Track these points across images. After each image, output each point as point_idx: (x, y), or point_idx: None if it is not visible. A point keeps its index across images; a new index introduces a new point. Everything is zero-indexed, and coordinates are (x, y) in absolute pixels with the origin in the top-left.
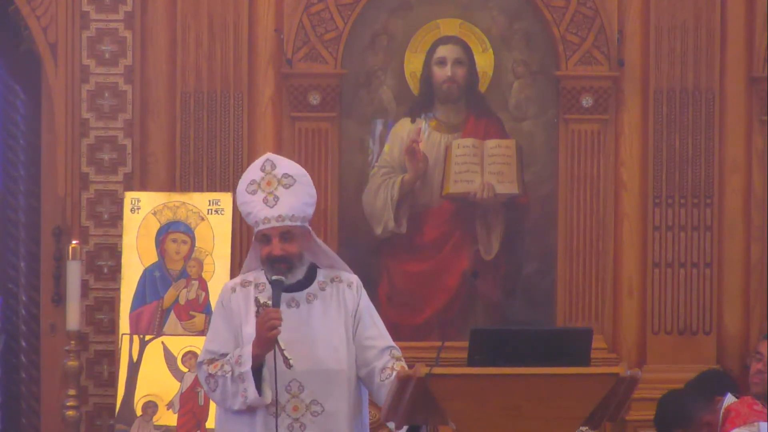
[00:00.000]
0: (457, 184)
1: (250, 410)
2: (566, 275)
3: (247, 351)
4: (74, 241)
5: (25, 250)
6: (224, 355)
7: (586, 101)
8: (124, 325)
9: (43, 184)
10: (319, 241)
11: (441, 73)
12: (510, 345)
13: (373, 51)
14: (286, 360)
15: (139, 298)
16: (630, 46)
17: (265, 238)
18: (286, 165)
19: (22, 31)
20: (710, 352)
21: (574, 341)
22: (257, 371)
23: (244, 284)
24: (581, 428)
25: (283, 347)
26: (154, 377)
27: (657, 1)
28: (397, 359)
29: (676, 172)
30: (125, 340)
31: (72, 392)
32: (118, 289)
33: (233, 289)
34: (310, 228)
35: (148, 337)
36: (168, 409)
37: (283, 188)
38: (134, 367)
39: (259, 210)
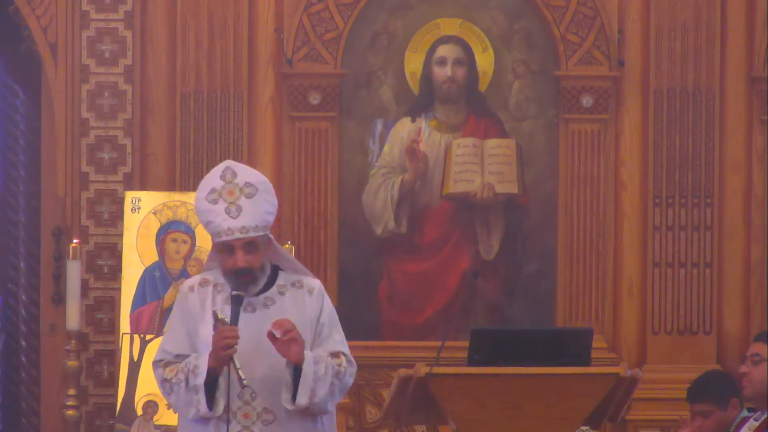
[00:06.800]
0: (457, 184)
1: (203, 418)
2: (566, 275)
3: (203, 363)
4: (74, 241)
5: (25, 250)
6: (179, 356)
7: (586, 101)
8: (125, 324)
9: (43, 184)
10: (279, 246)
11: (441, 72)
12: (510, 345)
13: (373, 51)
14: (240, 380)
15: (140, 298)
16: (630, 46)
17: (228, 248)
18: (247, 173)
19: (22, 31)
20: (710, 352)
21: (574, 341)
22: (213, 382)
23: (203, 284)
24: (581, 428)
25: (238, 366)
26: (154, 377)
27: (657, 1)
28: (335, 356)
29: (676, 172)
30: (125, 339)
31: (72, 392)
32: (119, 288)
33: (191, 289)
34: (271, 235)
35: (148, 337)
36: (168, 409)
37: (245, 198)
38: (135, 367)
39: (221, 220)
